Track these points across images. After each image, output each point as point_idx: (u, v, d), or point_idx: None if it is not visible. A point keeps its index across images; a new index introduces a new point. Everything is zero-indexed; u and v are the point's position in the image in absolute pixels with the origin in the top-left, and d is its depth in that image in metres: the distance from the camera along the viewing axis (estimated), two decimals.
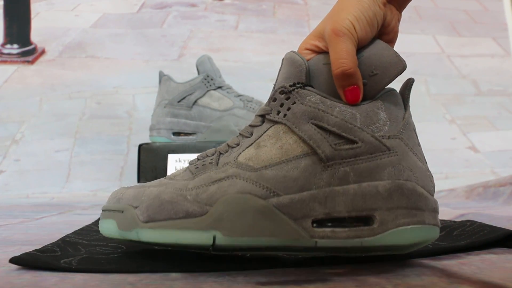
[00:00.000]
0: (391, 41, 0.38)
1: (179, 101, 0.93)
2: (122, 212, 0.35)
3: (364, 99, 0.34)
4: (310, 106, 0.33)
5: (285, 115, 0.33)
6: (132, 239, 0.34)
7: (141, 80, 1.40)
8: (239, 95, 0.94)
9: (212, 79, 0.94)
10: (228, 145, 0.35)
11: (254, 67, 1.43)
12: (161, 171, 0.88)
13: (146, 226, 0.33)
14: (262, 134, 0.34)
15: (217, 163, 0.34)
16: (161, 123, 0.94)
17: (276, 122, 0.34)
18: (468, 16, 1.68)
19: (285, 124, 0.33)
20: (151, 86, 1.26)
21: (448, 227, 0.47)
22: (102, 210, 0.38)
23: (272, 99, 0.34)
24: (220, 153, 0.35)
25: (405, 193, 0.32)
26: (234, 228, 0.31)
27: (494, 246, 0.40)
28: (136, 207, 0.34)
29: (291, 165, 0.32)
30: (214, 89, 0.94)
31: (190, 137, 0.93)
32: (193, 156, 0.77)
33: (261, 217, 0.31)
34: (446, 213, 0.68)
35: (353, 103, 0.33)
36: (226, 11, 1.57)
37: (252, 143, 0.34)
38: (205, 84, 0.93)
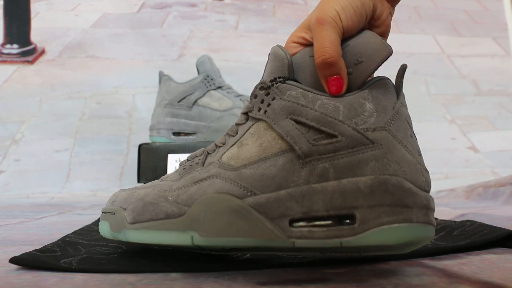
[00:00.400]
0: (383, 35, 0.37)
1: (179, 101, 0.93)
2: (114, 214, 0.37)
3: (350, 89, 0.32)
4: (289, 101, 0.32)
5: (265, 111, 0.32)
6: (122, 239, 0.36)
7: (141, 80, 1.40)
8: (239, 95, 0.94)
9: (212, 79, 0.94)
10: (216, 145, 0.35)
11: (254, 67, 1.43)
12: (161, 171, 0.88)
13: (132, 227, 0.35)
14: (245, 132, 0.33)
15: (203, 163, 0.34)
16: (161, 123, 0.94)
17: (257, 119, 0.33)
18: (468, 16, 1.68)
19: (265, 121, 0.32)
20: (151, 86, 1.26)
21: (448, 227, 0.47)
22: (102, 212, 0.39)
23: (254, 95, 0.34)
24: (208, 153, 0.35)
25: (389, 189, 0.29)
26: (211, 229, 0.31)
27: (494, 246, 0.40)
28: (125, 209, 0.36)
29: (269, 163, 0.31)
30: (214, 89, 0.94)
31: (190, 137, 0.93)
32: None
33: (236, 217, 0.30)
34: (446, 213, 0.68)
35: (336, 94, 0.31)
36: (226, 11, 1.57)
37: (236, 142, 0.33)
38: (205, 84, 0.93)
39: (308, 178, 0.30)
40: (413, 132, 0.33)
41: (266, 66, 0.35)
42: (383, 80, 0.32)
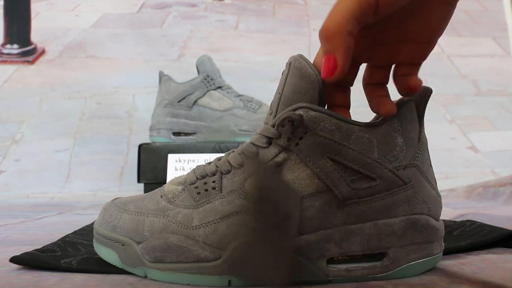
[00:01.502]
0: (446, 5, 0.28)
1: (179, 101, 0.93)
2: (123, 245, 0.33)
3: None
4: (325, 138, 0.29)
5: (297, 144, 0.30)
6: (139, 274, 0.33)
7: (141, 80, 1.40)
8: (239, 95, 0.94)
9: (212, 79, 0.94)
10: (230, 164, 0.32)
11: (254, 67, 1.43)
12: (161, 171, 0.88)
13: (154, 266, 0.32)
14: (269, 161, 0.30)
15: (221, 189, 0.31)
16: (161, 123, 0.94)
17: (285, 149, 0.30)
18: (468, 16, 1.68)
19: (297, 155, 0.30)
20: (151, 86, 1.26)
21: (448, 227, 0.47)
22: (96, 233, 0.35)
23: (281, 124, 0.30)
24: (222, 173, 0.32)
25: (418, 229, 0.31)
26: (251, 273, 0.29)
27: (494, 246, 0.40)
28: (138, 243, 0.32)
29: (306, 204, 0.30)
30: (214, 89, 0.93)
31: (190, 137, 0.92)
32: (193, 156, 0.77)
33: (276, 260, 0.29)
34: (446, 213, 0.68)
35: (325, 78, 0.28)
36: (226, 11, 1.57)
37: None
38: (205, 84, 0.93)
39: (345, 219, 0.30)
40: (430, 158, 0.34)
41: (286, 77, 0.31)
42: (408, 105, 0.33)
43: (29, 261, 0.35)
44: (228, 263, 0.30)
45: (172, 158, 0.77)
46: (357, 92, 0.38)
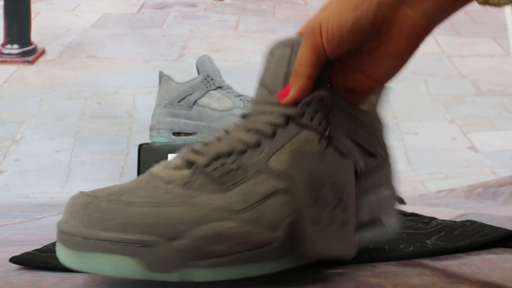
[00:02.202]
0: (397, 59, 0.31)
1: (179, 101, 0.93)
2: (148, 247, 0.25)
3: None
4: (345, 118, 0.31)
5: (320, 123, 0.30)
6: (175, 280, 0.26)
7: (141, 80, 1.40)
8: (239, 95, 0.94)
9: (212, 79, 0.94)
10: (243, 143, 0.30)
11: (254, 67, 1.43)
12: None
13: (201, 264, 0.26)
14: (291, 139, 0.30)
15: (246, 169, 0.29)
16: (161, 123, 0.94)
17: (307, 128, 0.30)
18: (468, 16, 1.68)
19: (319, 134, 0.30)
20: (151, 86, 1.26)
21: (448, 227, 0.47)
22: (83, 238, 0.26)
23: (307, 102, 0.30)
24: (239, 153, 0.30)
25: (395, 196, 0.37)
26: (310, 251, 0.27)
27: (494, 246, 0.40)
28: (171, 239, 0.26)
29: None
30: (214, 89, 0.93)
31: (190, 137, 0.92)
32: None
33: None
34: (446, 213, 0.68)
35: (278, 100, 0.31)
36: (226, 11, 1.57)
37: (282, 146, 0.30)
38: (205, 84, 0.93)
39: (359, 193, 0.32)
40: None
41: (290, 56, 0.32)
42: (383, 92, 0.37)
43: (29, 261, 0.35)
44: (286, 243, 0.27)
45: (172, 158, 0.77)
46: None
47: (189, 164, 0.30)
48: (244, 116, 0.33)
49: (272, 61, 0.33)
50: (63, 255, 0.27)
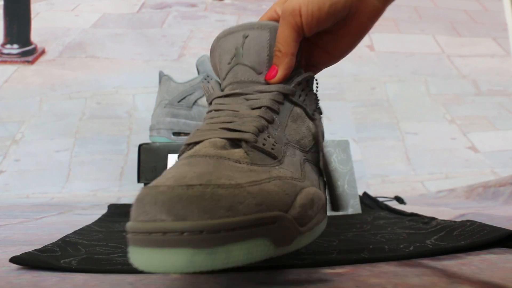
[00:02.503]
0: (355, 37, 0.36)
1: (179, 101, 0.93)
2: (275, 223, 0.25)
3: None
4: (314, 96, 0.37)
5: (304, 100, 0.35)
6: (289, 251, 0.27)
7: (141, 80, 1.40)
8: None
9: (212, 79, 0.94)
10: (265, 120, 0.32)
11: None
12: (161, 171, 0.88)
13: (303, 230, 0.28)
14: (289, 114, 0.34)
15: (279, 142, 0.32)
16: (161, 123, 0.94)
17: (296, 105, 0.35)
18: (468, 16, 1.68)
19: (304, 109, 0.35)
20: (151, 86, 1.26)
21: (448, 227, 0.47)
22: (212, 232, 0.22)
23: (299, 82, 0.35)
24: (265, 128, 0.32)
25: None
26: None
27: (494, 246, 0.40)
28: (287, 211, 0.26)
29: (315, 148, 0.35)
30: None
31: None
32: None
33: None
34: (446, 213, 0.68)
35: (268, 80, 0.34)
36: (226, 11, 1.57)
37: (286, 122, 0.34)
38: None
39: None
40: None
41: (270, 40, 0.35)
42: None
43: (29, 261, 0.35)
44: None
45: (172, 158, 0.77)
46: (357, 93, 0.39)
47: (232, 141, 0.30)
48: (237, 94, 0.34)
49: (250, 43, 0.34)
50: (184, 261, 0.22)
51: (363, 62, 1.53)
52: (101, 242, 0.45)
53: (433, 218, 0.55)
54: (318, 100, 0.38)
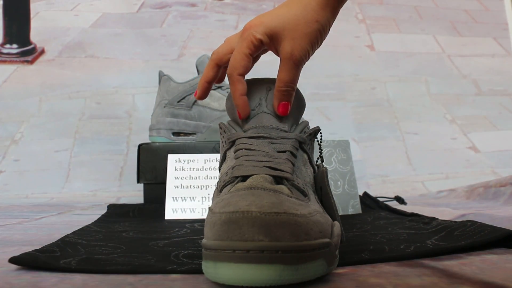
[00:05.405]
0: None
1: (179, 101, 0.93)
2: (328, 247, 0.30)
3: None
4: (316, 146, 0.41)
5: (309, 148, 0.40)
6: (331, 272, 0.32)
7: (141, 80, 1.40)
8: None
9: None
10: (291, 163, 0.36)
11: (254, 67, 1.43)
12: (161, 171, 0.87)
13: (337, 253, 0.33)
14: (301, 159, 0.39)
15: (303, 182, 0.37)
16: (161, 123, 0.94)
17: (305, 152, 0.39)
18: (469, 16, 1.68)
19: (308, 156, 0.39)
20: (151, 86, 1.26)
21: (449, 227, 0.47)
22: (303, 251, 0.27)
23: (309, 133, 0.40)
24: (293, 171, 0.36)
25: None
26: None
27: (495, 247, 0.40)
28: (331, 238, 0.31)
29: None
30: (214, 89, 0.93)
31: (190, 137, 0.92)
32: (193, 156, 0.77)
33: None
34: (446, 213, 0.68)
35: (282, 115, 0.38)
36: (226, 11, 1.57)
37: (300, 165, 0.38)
38: None
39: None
40: None
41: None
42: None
43: (28, 261, 0.35)
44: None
45: (172, 158, 0.77)
46: (357, 93, 0.39)
47: (275, 179, 0.34)
48: (263, 137, 0.37)
49: (272, 96, 0.39)
50: (275, 275, 0.26)
51: (363, 62, 1.53)
52: (100, 243, 0.45)
53: (433, 218, 0.55)
54: (321, 150, 0.43)
